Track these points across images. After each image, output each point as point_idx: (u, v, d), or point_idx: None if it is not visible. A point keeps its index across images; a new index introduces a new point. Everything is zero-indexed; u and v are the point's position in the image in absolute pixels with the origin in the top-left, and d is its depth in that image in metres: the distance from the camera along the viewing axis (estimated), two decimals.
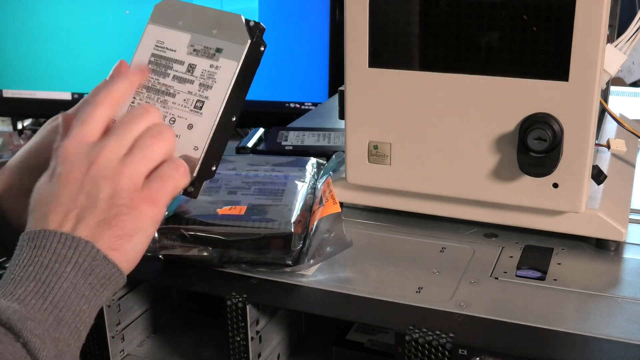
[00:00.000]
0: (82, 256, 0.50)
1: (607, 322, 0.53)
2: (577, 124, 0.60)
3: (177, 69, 0.59)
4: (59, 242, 0.50)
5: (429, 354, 0.52)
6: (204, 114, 0.57)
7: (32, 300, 0.48)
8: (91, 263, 0.50)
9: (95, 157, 0.53)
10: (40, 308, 0.48)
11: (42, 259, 0.49)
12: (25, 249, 0.51)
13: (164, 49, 0.60)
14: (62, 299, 0.48)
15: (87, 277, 0.50)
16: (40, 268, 0.49)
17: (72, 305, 0.49)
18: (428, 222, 0.71)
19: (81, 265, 0.50)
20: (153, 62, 0.60)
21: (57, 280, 0.49)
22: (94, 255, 0.50)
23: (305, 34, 1.25)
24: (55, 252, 0.50)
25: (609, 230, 0.64)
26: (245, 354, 0.59)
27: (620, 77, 1.80)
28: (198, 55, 0.59)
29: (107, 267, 0.50)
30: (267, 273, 0.61)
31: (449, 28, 0.62)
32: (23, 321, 0.46)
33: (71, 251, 0.50)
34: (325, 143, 0.93)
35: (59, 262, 0.49)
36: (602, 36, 0.57)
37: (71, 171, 0.52)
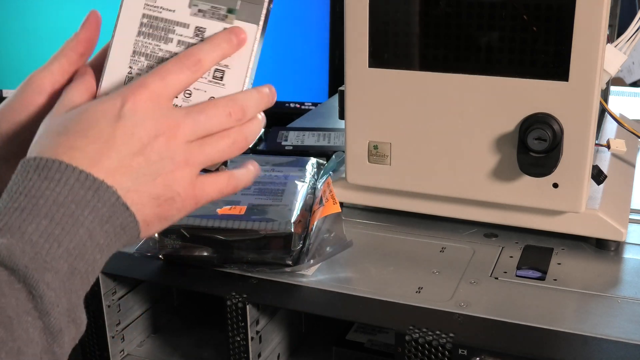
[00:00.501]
0: (102, 201, 0.45)
1: (607, 322, 0.53)
2: (577, 124, 0.60)
3: (182, 33, 0.52)
4: (77, 181, 0.45)
5: (429, 354, 0.52)
6: (226, 85, 0.52)
7: (45, 244, 0.43)
8: (110, 209, 0.46)
9: (171, 130, 0.48)
10: (55, 254, 0.43)
11: (55, 194, 0.44)
12: (32, 175, 0.45)
13: (158, 9, 0.52)
14: (77, 247, 0.44)
15: (104, 225, 0.46)
16: (54, 205, 0.44)
17: (87, 255, 0.45)
18: (428, 222, 0.71)
19: (99, 211, 0.45)
20: (146, 25, 0.52)
21: (74, 225, 0.44)
22: (114, 201, 0.46)
23: (305, 34, 1.25)
24: (73, 192, 0.45)
25: (609, 230, 0.64)
26: (245, 354, 0.59)
27: (620, 77, 1.80)
28: (206, 17, 0.52)
29: (124, 216, 0.47)
30: (267, 273, 0.61)
31: (449, 28, 0.62)
32: (41, 272, 0.42)
33: (90, 193, 0.45)
34: (325, 143, 0.93)
35: (75, 202, 0.45)
36: (602, 36, 0.57)
37: (137, 125, 0.48)
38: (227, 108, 0.51)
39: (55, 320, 0.42)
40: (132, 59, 0.52)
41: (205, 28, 0.51)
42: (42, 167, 0.45)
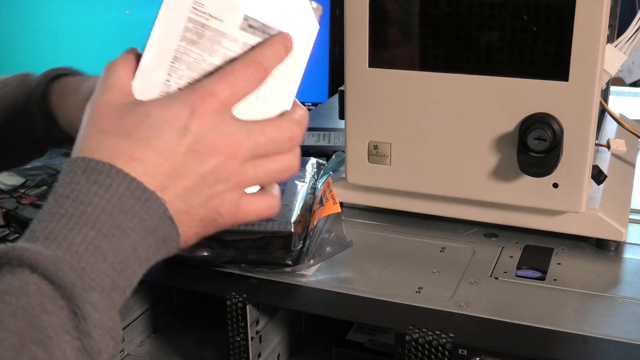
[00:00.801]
0: (149, 213, 0.43)
1: (607, 322, 0.53)
2: (577, 124, 0.60)
3: (229, 47, 0.48)
4: (128, 189, 0.43)
5: (429, 354, 0.52)
6: (268, 106, 0.49)
7: (91, 258, 0.41)
8: (155, 221, 0.44)
9: (231, 149, 0.46)
10: (100, 269, 0.41)
11: (104, 202, 0.42)
12: (80, 178, 0.43)
13: (205, 16, 0.47)
14: (121, 262, 0.42)
15: (148, 237, 0.44)
16: (102, 214, 0.42)
17: (128, 270, 0.43)
18: (428, 222, 0.71)
19: (145, 222, 0.43)
20: (191, 30, 0.47)
21: (120, 237, 0.42)
22: (161, 214, 0.44)
23: None
24: (122, 201, 0.42)
25: (609, 230, 0.64)
26: (245, 354, 0.59)
27: (620, 77, 1.80)
28: (255, 34, 0.48)
29: (168, 229, 0.45)
30: (267, 273, 0.61)
31: (449, 28, 0.62)
32: (88, 291, 0.40)
33: (139, 204, 0.43)
34: (325, 143, 0.93)
35: (123, 213, 0.42)
36: (602, 36, 0.57)
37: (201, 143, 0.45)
38: (290, 133, 0.49)
39: (96, 342, 0.40)
40: (172, 65, 0.48)
41: (254, 46, 0.48)
42: (91, 170, 0.43)
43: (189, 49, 0.48)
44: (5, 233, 0.91)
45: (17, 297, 0.38)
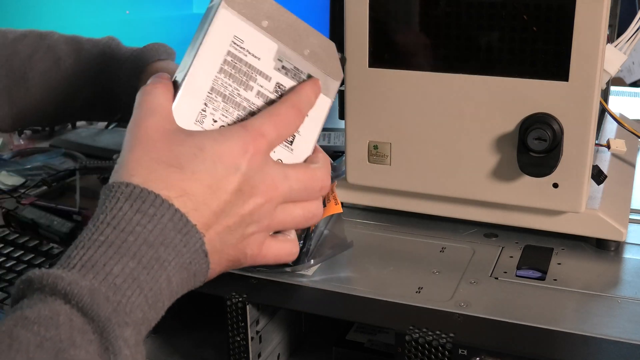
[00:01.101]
0: (187, 246, 0.43)
1: (607, 322, 0.53)
2: (577, 124, 0.60)
3: (263, 85, 0.50)
4: (171, 221, 0.42)
5: (429, 354, 0.52)
6: (294, 151, 0.51)
7: (128, 290, 0.40)
8: (191, 255, 0.44)
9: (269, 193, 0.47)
10: (135, 303, 0.40)
11: (147, 233, 0.41)
12: (123, 205, 0.42)
13: (244, 51, 0.49)
14: (154, 295, 0.42)
15: (182, 272, 0.43)
16: (144, 245, 0.41)
17: (159, 303, 0.43)
18: (428, 222, 0.71)
19: (183, 256, 0.43)
20: (229, 64, 0.49)
21: (158, 270, 0.42)
22: (197, 248, 0.44)
23: None
24: (164, 232, 0.42)
25: (609, 230, 0.64)
26: (245, 354, 0.59)
27: (620, 77, 1.80)
28: (287, 76, 0.50)
29: (200, 263, 0.45)
30: (267, 273, 0.61)
31: (449, 28, 0.62)
32: (122, 327, 0.39)
33: (179, 237, 0.43)
34: (325, 143, 0.93)
35: (164, 245, 0.42)
36: (602, 36, 0.57)
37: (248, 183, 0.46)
38: (321, 182, 0.51)
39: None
40: (209, 95, 0.48)
41: (286, 87, 0.50)
42: (135, 197, 0.42)
43: (226, 82, 0.48)
44: (5, 233, 0.91)
45: (46, 327, 0.37)
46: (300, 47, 0.50)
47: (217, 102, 0.49)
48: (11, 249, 0.87)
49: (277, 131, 0.48)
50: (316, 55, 0.50)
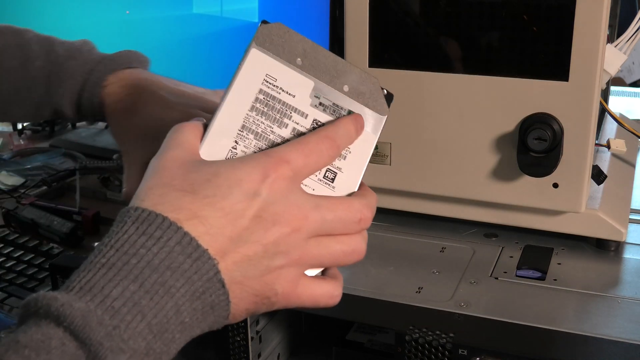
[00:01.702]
0: (199, 274, 0.40)
1: (607, 322, 0.53)
2: (577, 124, 0.60)
3: (299, 122, 0.48)
4: (179, 245, 0.40)
5: (429, 354, 0.52)
6: (336, 189, 0.48)
7: (127, 316, 0.37)
8: (205, 284, 0.40)
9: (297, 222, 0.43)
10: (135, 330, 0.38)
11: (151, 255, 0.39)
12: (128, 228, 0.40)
13: (277, 89, 0.48)
14: (160, 323, 0.39)
15: (195, 301, 0.40)
16: (147, 268, 0.39)
17: (167, 334, 0.39)
18: (428, 222, 0.71)
19: (194, 284, 0.40)
20: (262, 101, 0.47)
21: (163, 295, 0.39)
22: (211, 276, 0.40)
23: (305, 34, 1.25)
24: (171, 256, 0.39)
25: (609, 230, 0.64)
26: (245, 354, 0.59)
27: (620, 77, 1.80)
28: (326, 112, 0.48)
29: (218, 294, 0.41)
30: None
31: (449, 28, 0.62)
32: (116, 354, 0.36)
33: (189, 262, 0.40)
34: None
35: (171, 270, 0.39)
36: (602, 36, 0.57)
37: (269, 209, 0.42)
38: (360, 214, 0.46)
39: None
40: (240, 133, 0.47)
41: (324, 123, 0.48)
42: (142, 220, 0.40)
43: (258, 119, 0.47)
44: (5, 233, 0.91)
45: (37, 352, 0.35)
46: (338, 83, 0.48)
47: (248, 139, 0.47)
48: (11, 249, 0.87)
49: (304, 159, 0.45)
50: (357, 91, 0.48)
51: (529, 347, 0.51)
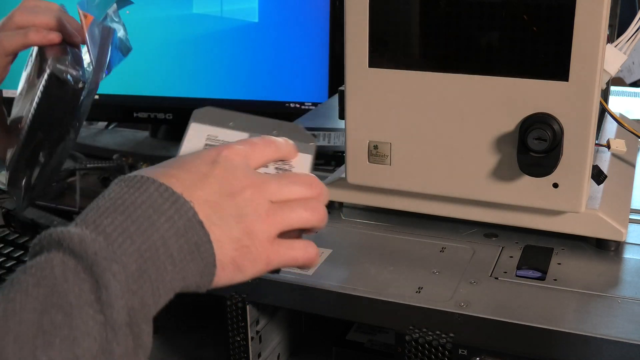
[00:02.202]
0: (179, 214, 0.46)
1: (607, 322, 0.53)
2: (577, 124, 0.60)
3: None
4: (157, 191, 0.46)
5: (429, 354, 0.52)
6: None
7: (119, 238, 0.43)
8: (186, 224, 0.46)
9: (254, 187, 0.51)
10: (127, 250, 0.43)
11: (134, 198, 0.46)
12: (115, 187, 0.47)
13: (219, 141, 0.56)
14: (149, 250, 0.44)
15: (179, 238, 0.46)
16: (132, 206, 0.45)
17: (158, 261, 0.44)
18: (428, 222, 0.71)
19: (175, 222, 0.46)
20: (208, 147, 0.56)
21: (149, 227, 0.45)
22: (190, 216, 0.46)
23: (305, 34, 1.25)
24: (151, 198, 0.46)
25: (609, 230, 0.64)
26: (245, 354, 0.59)
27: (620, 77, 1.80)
28: None
29: (200, 234, 0.47)
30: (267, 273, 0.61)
31: (449, 28, 0.62)
32: (109, 262, 0.42)
33: (168, 204, 0.46)
34: (325, 143, 0.93)
35: (153, 208, 0.46)
36: (602, 36, 0.57)
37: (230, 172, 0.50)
38: (309, 178, 0.54)
39: (118, 314, 0.42)
40: None
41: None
42: (127, 180, 0.47)
43: None
44: (5, 233, 0.91)
45: (42, 269, 0.41)
46: (268, 130, 0.56)
47: None
48: (11, 249, 0.87)
49: (251, 147, 0.53)
50: (286, 133, 0.56)
51: (529, 347, 0.51)
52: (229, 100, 1.27)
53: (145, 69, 1.30)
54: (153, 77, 1.32)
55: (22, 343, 0.38)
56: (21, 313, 0.39)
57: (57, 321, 0.40)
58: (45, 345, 0.39)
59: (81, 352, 0.40)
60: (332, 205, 0.74)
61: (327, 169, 0.88)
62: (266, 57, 1.26)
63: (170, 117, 1.31)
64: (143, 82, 1.32)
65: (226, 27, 1.26)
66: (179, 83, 1.30)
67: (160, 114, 1.32)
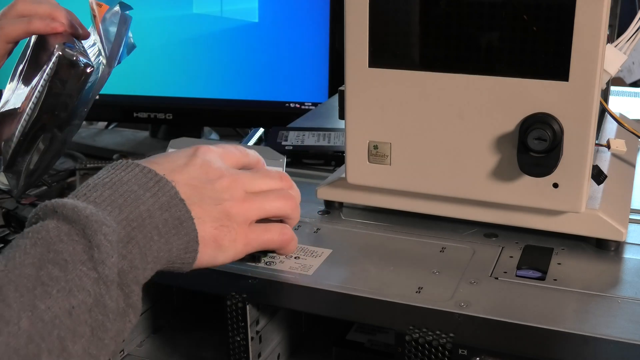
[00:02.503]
0: (162, 191, 0.51)
1: (607, 322, 0.53)
2: (577, 124, 0.60)
3: None
4: (141, 172, 0.51)
5: (429, 354, 0.52)
6: None
7: (108, 207, 0.48)
8: (169, 200, 0.51)
9: (230, 176, 0.56)
10: (116, 218, 0.47)
11: (121, 176, 0.50)
12: (103, 170, 0.52)
13: None
14: (136, 219, 0.48)
15: (164, 212, 0.50)
16: (118, 182, 0.50)
17: (145, 230, 0.48)
18: (428, 222, 0.71)
19: (159, 198, 0.50)
20: None
21: (134, 201, 0.49)
22: (173, 194, 0.51)
23: (305, 34, 1.25)
24: (136, 177, 0.50)
25: (609, 230, 0.64)
26: (245, 354, 0.59)
27: (620, 77, 1.80)
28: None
29: (182, 210, 0.51)
30: (267, 273, 0.61)
31: (449, 28, 0.62)
32: (100, 224, 0.46)
33: (152, 182, 0.51)
34: (325, 143, 0.93)
35: (138, 184, 0.50)
36: (602, 36, 0.57)
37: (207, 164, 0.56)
38: (279, 174, 0.61)
39: (110, 271, 0.45)
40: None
41: None
42: (114, 164, 0.52)
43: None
44: (5, 233, 0.91)
45: (38, 232, 0.45)
46: None
47: None
48: None
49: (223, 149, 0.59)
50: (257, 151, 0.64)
51: (529, 347, 0.51)
52: (229, 100, 1.27)
53: (145, 69, 1.30)
54: (153, 77, 1.32)
55: (22, 292, 0.42)
56: (21, 267, 0.43)
57: (53, 274, 0.43)
58: (43, 294, 0.42)
59: (77, 303, 0.43)
60: (332, 205, 0.74)
61: (327, 169, 0.88)
62: (266, 57, 1.26)
63: (170, 117, 1.31)
64: (143, 82, 1.32)
65: (226, 27, 1.26)
66: (179, 83, 1.30)
67: (160, 114, 1.32)
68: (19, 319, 0.41)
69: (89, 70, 0.79)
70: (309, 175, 0.86)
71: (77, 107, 0.84)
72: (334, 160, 0.89)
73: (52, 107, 0.79)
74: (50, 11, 0.85)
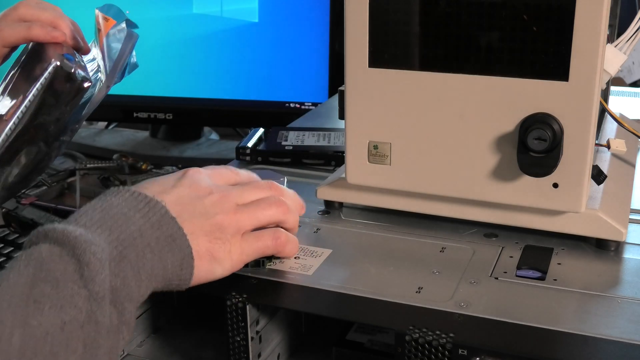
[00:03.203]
0: (153, 211, 0.52)
1: (607, 322, 0.53)
2: (577, 124, 0.60)
3: None
4: (131, 196, 0.52)
5: (429, 354, 0.52)
6: None
7: (97, 229, 0.49)
8: (160, 219, 0.52)
9: (220, 192, 0.57)
10: (107, 239, 0.48)
11: (111, 201, 0.51)
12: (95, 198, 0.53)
13: None
14: (127, 239, 0.49)
15: (155, 231, 0.51)
16: (108, 207, 0.51)
17: (137, 249, 0.49)
18: (428, 222, 0.71)
19: (150, 218, 0.51)
20: None
21: (125, 222, 0.50)
22: (163, 213, 0.52)
23: (306, 34, 1.25)
24: (126, 201, 0.52)
25: (609, 230, 0.64)
26: (245, 354, 0.59)
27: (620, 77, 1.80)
28: None
29: (174, 228, 0.52)
30: (267, 273, 0.61)
31: (449, 28, 0.62)
32: (89, 243, 0.47)
33: (142, 204, 0.52)
34: (325, 143, 0.93)
35: (128, 207, 0.51)
36: (602, 36, 0.57)
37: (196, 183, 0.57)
38: (268, 183, 0.62)
39: (100, 287, 0.46)
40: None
41: None
42: (105, 192, 0.53)
43: None
44: (5, 233, 0.91)
45: (31, 254, 0.46)
46: None
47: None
48: (11, 249, 0.87)
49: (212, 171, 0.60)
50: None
51: (529, 347, 0.51)
52: (229, 100, 1.27)
53: (145, 69, 1.30)
54: (153, 77, 1.32)
55: (14, 309, 0.43)
56: (14, 287, 0.44)
57: (45, 292, 0.44)
58: (35, 311, 0.43)
59: (68, 319, 0.44)
60: (332, 205, 0.74)
61: (327, 169, 0.88)
62: (266, 57, 1.26)
63: (170, 117, 1.31)
64: (143, 82, 1.32)
65: (226, 27, 1.26)
66: (179, 83, 1.30)
67: (160, 114, 1.32)
68: (11, 335, 0.42)
69: (85, 86, 0.76)
70: (309, 175, 0.86)
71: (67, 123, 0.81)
72: (334, 160, 0.89)
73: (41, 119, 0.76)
74: (53, 19, 0.82)
